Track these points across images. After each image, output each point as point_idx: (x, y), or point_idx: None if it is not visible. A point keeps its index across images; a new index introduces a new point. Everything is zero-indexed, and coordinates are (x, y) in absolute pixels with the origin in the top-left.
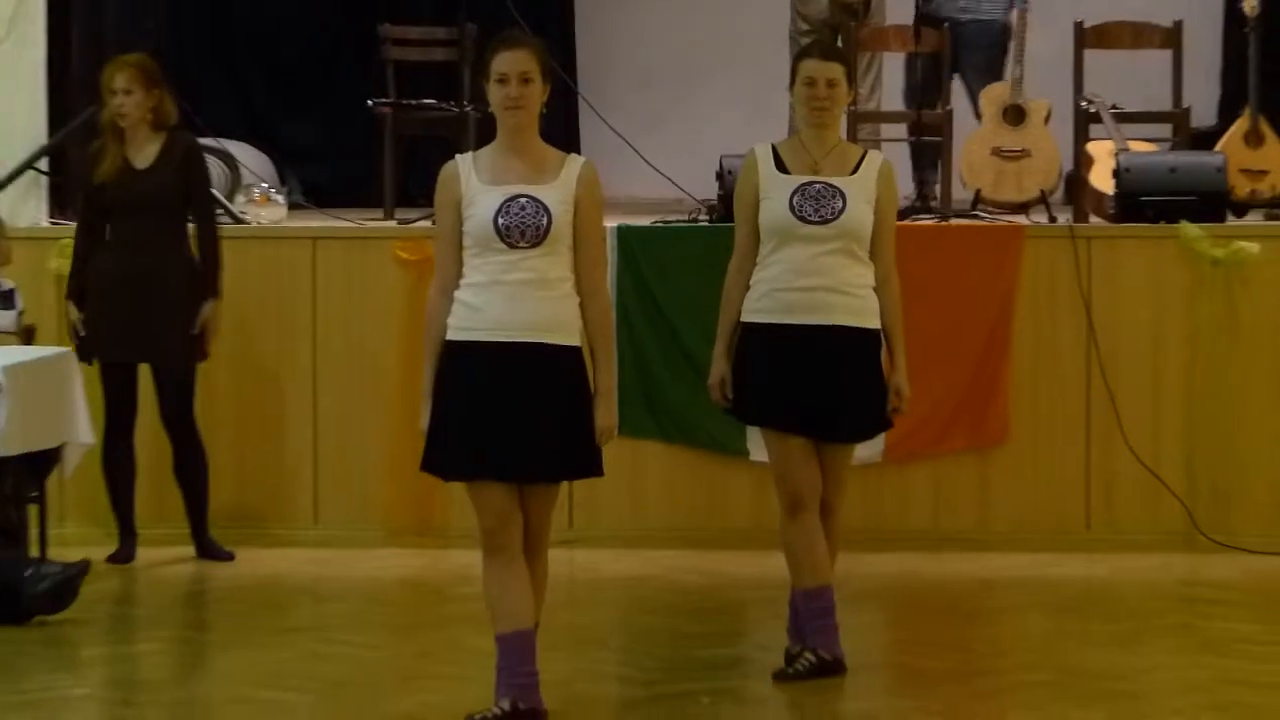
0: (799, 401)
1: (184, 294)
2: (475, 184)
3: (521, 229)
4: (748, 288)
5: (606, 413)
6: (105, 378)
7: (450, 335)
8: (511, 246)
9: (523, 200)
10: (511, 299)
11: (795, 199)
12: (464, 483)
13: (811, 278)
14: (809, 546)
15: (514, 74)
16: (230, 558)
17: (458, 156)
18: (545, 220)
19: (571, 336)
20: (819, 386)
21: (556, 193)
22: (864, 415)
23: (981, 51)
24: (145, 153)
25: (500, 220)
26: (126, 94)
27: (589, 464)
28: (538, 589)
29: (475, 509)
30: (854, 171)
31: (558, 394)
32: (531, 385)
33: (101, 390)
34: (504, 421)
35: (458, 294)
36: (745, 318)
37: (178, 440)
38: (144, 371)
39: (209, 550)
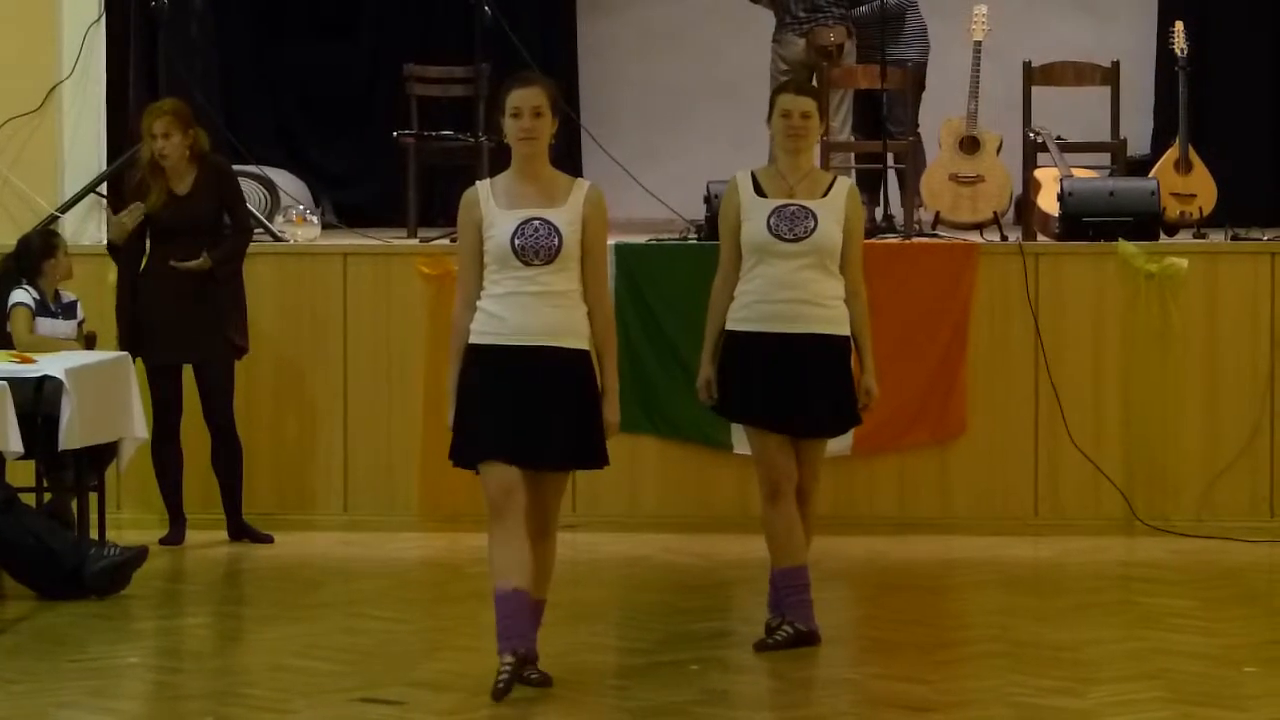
0: (778, 401)
1: (222, 304)
2: (493, 208)
3: (536, 249)
4: (731, 299)
5: (612, 410)
6: (153, 381)
7: (473, 339)
8: (527, 264)
9: (536, 223)
10: (527, 309)
11: (772, 219)
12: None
13: (788, 291)
14: (787, 530)
15: (526, 108)
16: (269, 540)
17: (477, 183)
18: (556, 240)
19: (580, 341)
20: (796, 387)
21: (566, 215)
22: (836, 413)
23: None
24: (185, 181)
25: (517, 241)
26: (166, 138)
27: (596, 455)
28: (546, 569)
29: (483, 483)
30: (825, 195)
31: (568, 392)
32: (545, 384)
33: (150, 392)
34: (521, 415)
35: (480, 304)
36: (730, 326)
37: (218, 434)
38: (187, 375)
39: (245, 533)
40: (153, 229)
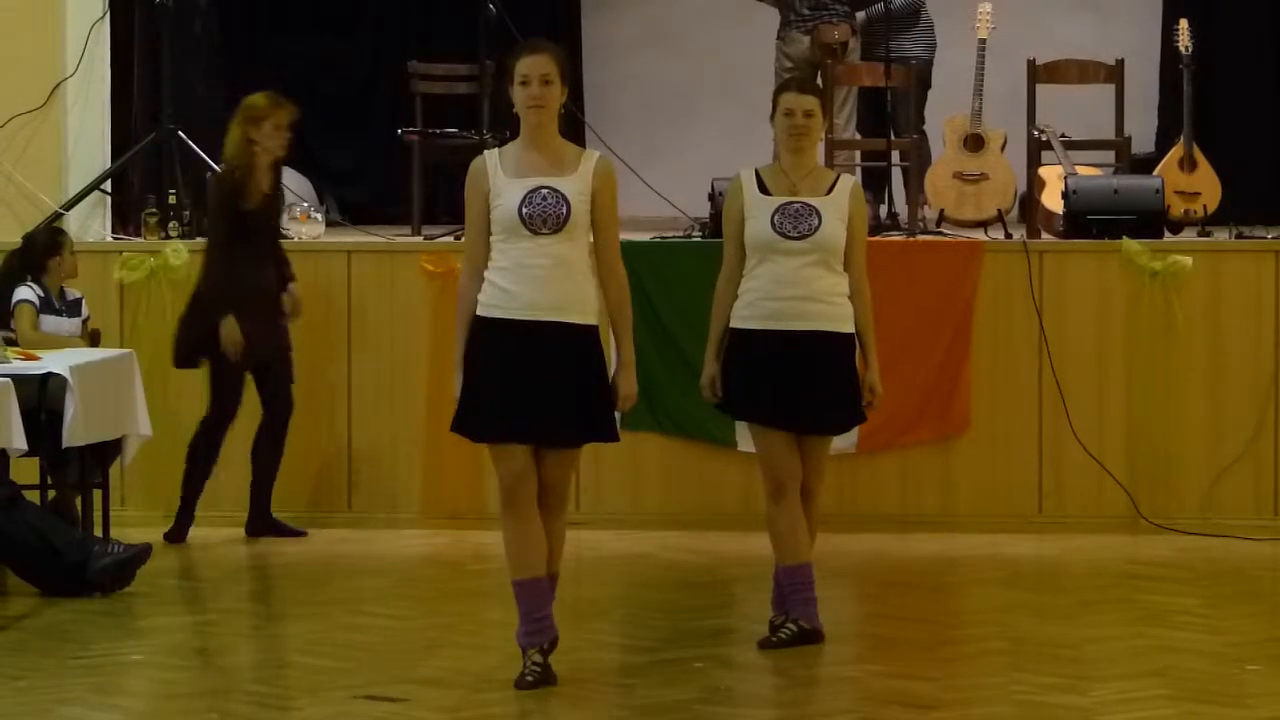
0: (782, 398)
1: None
2: (501, 177)
3: (544, 217)
4: (735, 297)
5: (627, 382)
6: (229, 381)
7: (481, 312)
8: (535, 233)
9: (544, 191)
10: (536, 281)
11: (776, 217)
12: (489, 444)
13: (792, 288)
14: (791, 527)
15: (535, 75)
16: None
17: (485, 152)
18: (565, 209)
19: (588, 316)
20: (800, 385)
21: (575, 184)
22: (840, 410)
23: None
24: (268, 179)
25: (524, 209)
26: (290, 130)
27: (605, 430)
28: (558, 543)
29: (496, 468)
30: (829, 192)
31: (576, 367)
32: (553, 359)
33: (216, 389)
34: (529, 391)
35: (488, 275)
36: (734, 324)
37: (274, 429)
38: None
39: (274, 528)
40: (253, 228)
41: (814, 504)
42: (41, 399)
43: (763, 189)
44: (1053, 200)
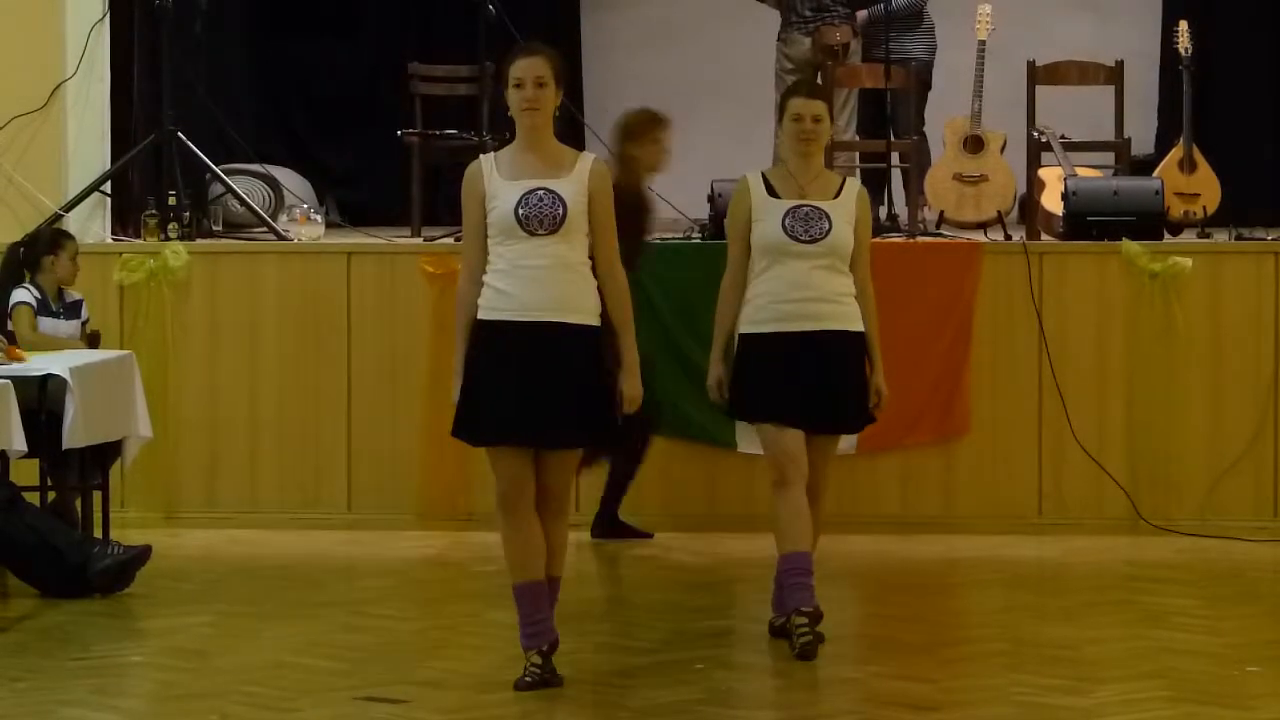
0: (796, 398)
1: None
2: (497, 180)
3: (540, 218)
4: (741, 300)
5: (630, 384)
6: None
7: (480, 315)
8: (531, 234)
9: (540, 192)
10: (534, 282)
11: (787, 220)
12: (487, 448)
13: (803, 290)
14: (793, 517)
15: (530, 78)
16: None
17: (481, 156)
18: (561, 210)
19: (589, 316)
20: (817, 384)
21: (571, 185)
22: (853, 408)
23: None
24: None
25: (520, 211)
26: (667, 144)
27: (607, 432)
28: (559, 546)
29: (494, 473)
30: (837, 196)
31: (576, 368)
32: (552, 360)
33: None
34: (527, 393)
35: (486, 279)
36: (745, 329)
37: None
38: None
39: (621, 530)
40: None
41: (820, 505)
42: (41, 400)
43: (770, 192)
44: (1052, 202)
